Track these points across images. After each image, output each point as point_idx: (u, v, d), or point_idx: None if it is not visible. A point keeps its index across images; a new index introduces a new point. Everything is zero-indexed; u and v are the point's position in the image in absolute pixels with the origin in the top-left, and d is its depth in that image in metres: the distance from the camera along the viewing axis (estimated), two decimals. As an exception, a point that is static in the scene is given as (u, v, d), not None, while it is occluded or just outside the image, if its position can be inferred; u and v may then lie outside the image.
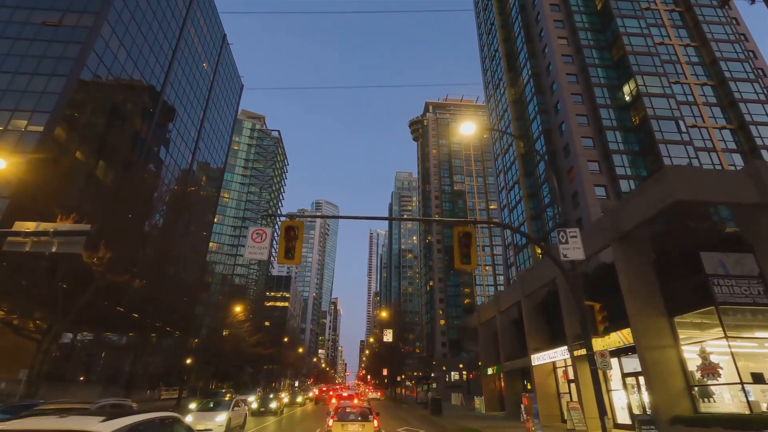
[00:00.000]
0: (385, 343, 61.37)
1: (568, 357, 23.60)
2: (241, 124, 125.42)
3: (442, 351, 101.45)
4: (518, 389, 32.55)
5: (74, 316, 23.57)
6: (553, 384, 27.25)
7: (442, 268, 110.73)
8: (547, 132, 48.17)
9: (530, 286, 29.03)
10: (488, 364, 38.25)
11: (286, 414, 31.95)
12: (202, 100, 64.65)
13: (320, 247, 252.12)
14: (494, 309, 36.30)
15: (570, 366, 25.07)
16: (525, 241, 50.25)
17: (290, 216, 11.82)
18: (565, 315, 23.47)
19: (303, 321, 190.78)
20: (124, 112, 44.07)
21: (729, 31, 48.59)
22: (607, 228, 19.42)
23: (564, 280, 23.94)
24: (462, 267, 11.95)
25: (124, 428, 4.73)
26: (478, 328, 41.38)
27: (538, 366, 27.43)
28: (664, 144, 39.63)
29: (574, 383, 23.61)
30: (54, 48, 37.86)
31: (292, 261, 11.55)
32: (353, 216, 20.44)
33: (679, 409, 15.88)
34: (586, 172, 41.13)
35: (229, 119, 79.08)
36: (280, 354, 67.15)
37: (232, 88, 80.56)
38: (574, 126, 43.69)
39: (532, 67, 52.45)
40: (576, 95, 45.88)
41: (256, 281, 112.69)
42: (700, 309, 16.61)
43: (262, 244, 11.57)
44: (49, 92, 35.50)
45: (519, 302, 30.94)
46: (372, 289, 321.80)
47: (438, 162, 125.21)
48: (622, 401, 21.12)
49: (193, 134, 61.18)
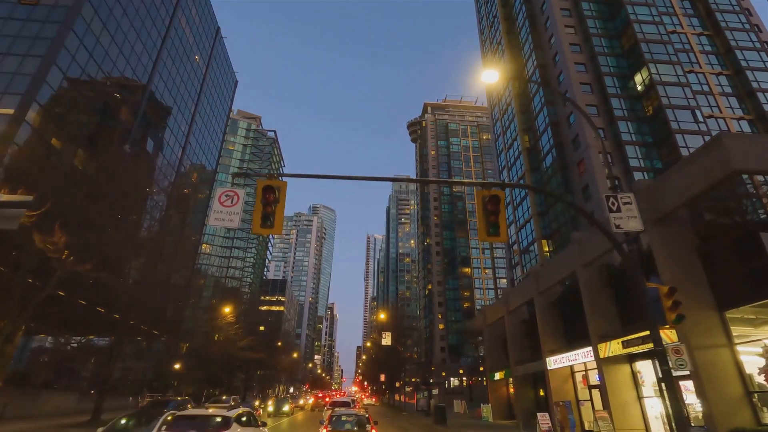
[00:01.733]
0: (382, 348, 58.62)
1: (591, 360, 20.98)
2: (236, 123, 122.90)
3: (441, 356, 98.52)
4: (530, 396, 29.88)
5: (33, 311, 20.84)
6: (570, 390, 24.61)
7: (441, 271, 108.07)
8: (554, 124, 45.86)
9: (545, 282, 26.44)
10: (495, 368, 35.51)
11: (271, 425, 28.96)
12: (194, 93, 62.10)
13: (317, 250, 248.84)
14: (502, 309, 33.67)
15: (592, 369, 22.45)
16: (531, 239, 47.73)
17: (270, 176, 9.21)
18: (588, 312, 20.86)
19: (299, 326, 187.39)
20: (107, 99, 41.46)
21: (743, 20, 46.60)
22: (643, 209, 16.88)
23: (584, 274, 21.44)
24: (489, 239, 9.40)
25: (239, 414, 11.33)
26: (484, 330, 38.71)
27: (554, 370, 24.80)
28: (681, 134, 37.34)
29: (599, 389, 20.98)
30: (29, 27, 35.31)
31: (271, 230, 8.95)
32: (357, 177, 11.60)
33: (738, 420, 13.29)
34: (597, 163, 38.74)
35: (222, 115, 76.52)
36: (273, 358, 64.06)
37: (226, 83, 78.09)
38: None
39: (537, 58, 50.25)
40: (585, 85, 43.66)
41: (250, 284, 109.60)
42: (760, 301, 14.05)
43: (233, 209, 8.96)
44: (22, 73, 32.91)
45: (531, 300, 28.36)
46: (369, 295, 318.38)
47: (437, 163, 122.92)
48: (655, 410, 18.54)
49: (183, 128, 58.58)
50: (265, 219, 8.87)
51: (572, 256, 22.88)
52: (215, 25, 71.14)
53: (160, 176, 52.47)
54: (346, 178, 9.65)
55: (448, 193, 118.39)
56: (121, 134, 43.01)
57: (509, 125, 56.99)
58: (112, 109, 42.14)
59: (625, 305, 20.29)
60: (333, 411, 16.67)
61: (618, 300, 20.81)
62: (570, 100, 14.27)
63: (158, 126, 51.71)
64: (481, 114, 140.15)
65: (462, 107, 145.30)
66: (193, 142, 62.26)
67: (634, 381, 19.32)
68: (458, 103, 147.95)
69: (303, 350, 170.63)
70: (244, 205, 9.00)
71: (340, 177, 9.45)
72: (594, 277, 21.41)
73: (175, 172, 53.43)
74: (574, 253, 22.65)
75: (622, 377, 19.39)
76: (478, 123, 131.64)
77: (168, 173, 54.31)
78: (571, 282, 24.17)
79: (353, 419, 13.64)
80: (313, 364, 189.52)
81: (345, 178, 9.58)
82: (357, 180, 9.77)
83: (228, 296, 53.77)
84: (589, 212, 35.50)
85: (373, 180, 10.10)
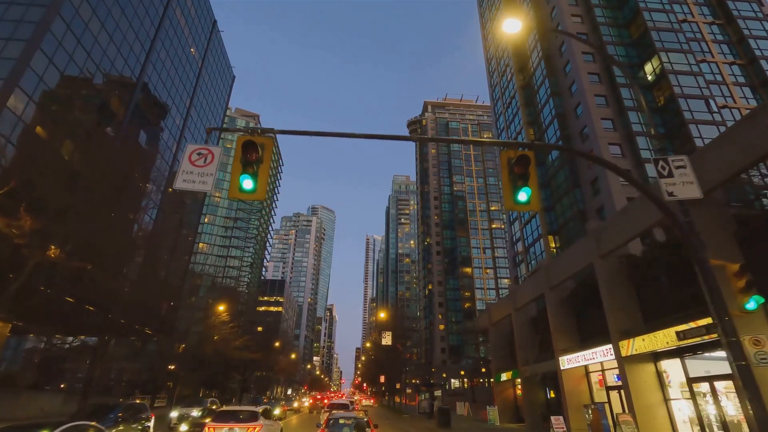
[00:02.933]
0: (382, 348, 56.91)
1: (610, 358, 19.33)
2: (234, 121, 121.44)
3: (441, 357, 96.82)
4: (540, 398, 28.21)
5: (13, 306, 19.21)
6: (585, 391, 22.95)
7: (441, 270, 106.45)
8: (560, 116, 44.31)
9: (556, 276, 24.78)
10: (501, 369, 33.83)
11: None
12: (189, 87, 60.43)
13: (316, 251, 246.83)
14: (509, 306, 32.01)
15: (610, 369, 20.81)
16: (537, 235, 46.10)
17: (251, 131, 7.58)
18: (607, 307, 19.20)
19: (297, 327, 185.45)
20: (96, 88, 39.76)
21: (756, 9, 45.13)
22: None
23: (602, 266, 19.79)
24: (516, 208, 7.80)
25: (263, 410, 16.98)
26: (489, 329, 37.03)
27: (567, 370, 23.14)
28: (695, 124, 35.78)
29: (620, 390, 19.33)
30: (14, 11, 33.67)
31: (252, 195, 7.33)
32: (359, 134, 8.25)
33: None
34: (607, 155, 37.18)
35: (219, 110, 74.79)
36: (270, 359, 62.22)
37: (223, 77, 76.39)
38: (593, 107, 39.83)
39: (542, 48, 48.73)
40: (593, 74, 42.12)
41: (248, 284, 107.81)
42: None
43: (205, 170, 7.33)
44: (5, 58, 31.26)
45: (542, 296, 26.71)
46: (368, 296, 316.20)
47: (437, 162, 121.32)
48: (683, 413, 16.91)
49: (178, 122, 56.92)
50: (246, 181, 7.25)
51: (588, 248, 21.26)
52: (212, 18, 69.52)
53: (154, 171, 50.98)
54: (346, 136, 8.02)
55: (448, 192, 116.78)
56: (111, 125, 41.37)
57: (513, 119, 55.40)
58: (102, 99, 40.47)
59: (649, 299, 18.66)
60: (330, 414, 15.71)
61: (640, 293, 19.18)
62: (562, 31, 12.64)
63: (151, 118, 50.02)
64: (482, 113, 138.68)
65: (462, 106, 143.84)
66: (188, 136, 60.57)
67: (659, 382, 17.68)
68: (459, 101, 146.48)
69: (302, 351, 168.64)
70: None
71: (339, 134, 7.82)
72: (613, 269, 19.79)
73: (168, 167, 51.75)
74: (591, 245, 21.03)
75: (647, 377, 17.74)
76: (479, 121, 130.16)
77: (162, 168, 52.70)
78: (586, 276, 22.51)
79: (351, 422, 12.66)
80: (312, 365, 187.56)
81: (345, 135, 7.95)
82: (358, 138, 8.15)
83: (224, 295, 51.93)
84: (600, 205, 33.70)
85: (376, 138, 8.48)
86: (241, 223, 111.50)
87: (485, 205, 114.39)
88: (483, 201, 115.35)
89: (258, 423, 14.38)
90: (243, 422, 14.17)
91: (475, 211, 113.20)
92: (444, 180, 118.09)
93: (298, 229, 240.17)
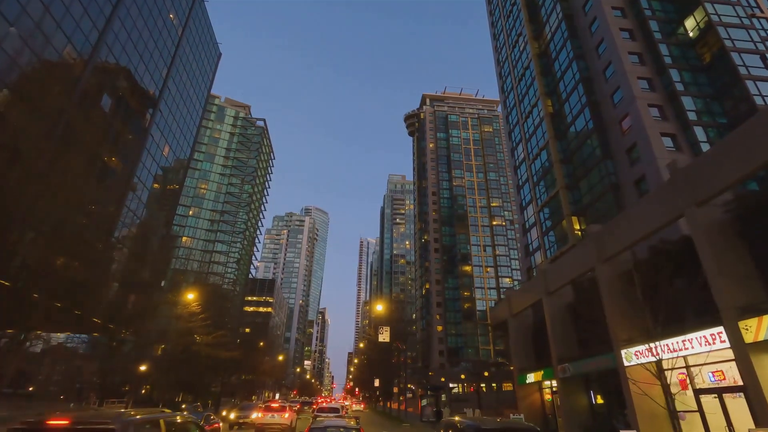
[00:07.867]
0: (376, 348, 50.84)
1: (719, 347, 13.48)
2: (223, 111, 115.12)
3: (439, 360, 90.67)
4: (582, 404, 22.26)
5: None
6: (659, 395, 17.03)
7: (439, 269, 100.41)
8: (585, 80, 38.80)
9: (613, 246, 18.92)
10: (525, 369, 27.86)
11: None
12: (166, 55, 54.28)
13: (308, 252, 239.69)
14: (538, 291, 26.06)
15: (705, 365, 14.93)
16: (558, 218, 40.33)
17: None
18: (712, 276, 13.34)
19: (288, 329, 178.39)
20: (50, 39, 33.42)
21: (805, -36, 40.03)
22: None
23: (697, 218, 13.95)
24: None
25: None
26: (508, 321, 31.07)
27: (634, 367, 17.25)
28: (752, 80, 30.33)
29: (721, 394, 13.44)
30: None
31: None
32: None
33: None
34: (647, 117, 31.57)
35: (202, 86, 68.67)
36: (254, 359, 55.72)
37: (207, 52, 70.27)
38: (627, 65, 34.31)
39: (563, 9, 43.31)
40: (624, 30, 36.69)
41: (234, 280, 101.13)
42: None
43: None
44: None
45: (586, 274, 20.85)
46: (361, 299, 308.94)
47: (436, 156, 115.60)
48: None
49: (153, 90, 50.73)
50: None
51: (673, 196, 15.44)
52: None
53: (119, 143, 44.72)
54: None
55: (447, 187, 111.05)
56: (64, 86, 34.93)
57: (526, 92, 49.82)
58: (54, 51, 34.10)
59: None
60: (314, 421, 12.73)
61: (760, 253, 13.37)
62: None
63: (116, 82, 43.76)
64: (482, 106, 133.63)
65: (462, 99, 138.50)
66: (164, 110, 54.41)
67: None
68: (458, 95, 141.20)
69: (292, 354, 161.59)
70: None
71: None
72: (718, 221, 13.98)
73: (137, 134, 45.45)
74: (678, 192, 15.23)
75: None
76: (479, 115, 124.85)
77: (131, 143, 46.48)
78: (664, 237, 16.70)
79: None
80: (302, 369, 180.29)
81: None
82: None
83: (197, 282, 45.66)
84: (640, 176, 27.87)
85: None
86: (228, 217, 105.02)
87: (486, 201, 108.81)
88: (483, 197, 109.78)
89: None
90: None
91: (475, 207, 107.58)
92: (443, 175, 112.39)
93: (291, 229, 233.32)
